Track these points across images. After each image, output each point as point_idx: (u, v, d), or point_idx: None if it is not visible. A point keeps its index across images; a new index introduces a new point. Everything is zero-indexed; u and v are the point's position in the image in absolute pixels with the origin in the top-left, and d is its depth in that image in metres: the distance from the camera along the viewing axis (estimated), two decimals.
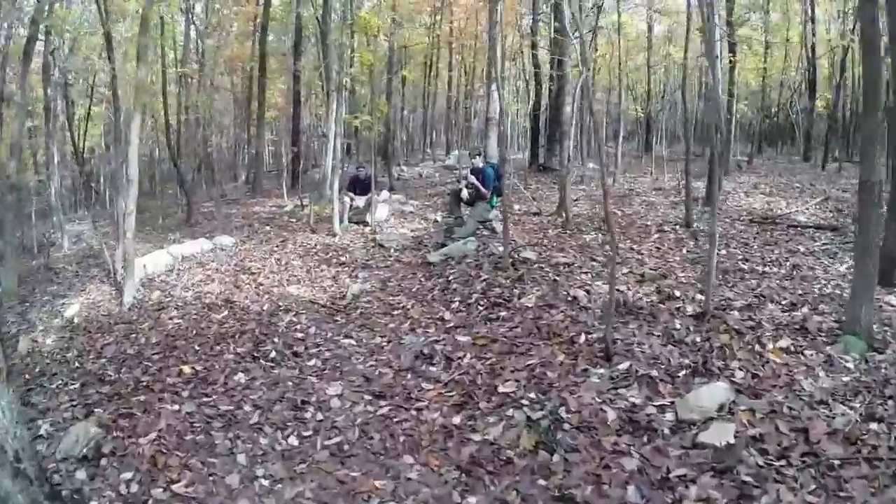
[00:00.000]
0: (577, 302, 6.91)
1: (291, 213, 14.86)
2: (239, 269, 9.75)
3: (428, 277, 8.91)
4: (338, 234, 11.55)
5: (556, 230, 10.70)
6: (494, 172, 10.53)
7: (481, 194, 10.27)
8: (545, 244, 9.55)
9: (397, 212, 13.98)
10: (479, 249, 9.38)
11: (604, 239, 9.62)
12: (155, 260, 10.25)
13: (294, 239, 11.65)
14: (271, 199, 18.31)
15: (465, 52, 30.26)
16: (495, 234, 10.17)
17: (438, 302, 7.80)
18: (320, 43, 16.20)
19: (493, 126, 12.41)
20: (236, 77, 27.62)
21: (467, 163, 17.81)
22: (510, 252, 8.45)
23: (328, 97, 14.69)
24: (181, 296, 8.90)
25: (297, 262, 10.03)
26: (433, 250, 10.11)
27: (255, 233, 12.83)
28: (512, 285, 7.59)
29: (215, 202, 16.80)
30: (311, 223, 12.60)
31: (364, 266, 9.83)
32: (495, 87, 12.37)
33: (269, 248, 11.01)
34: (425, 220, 13.12)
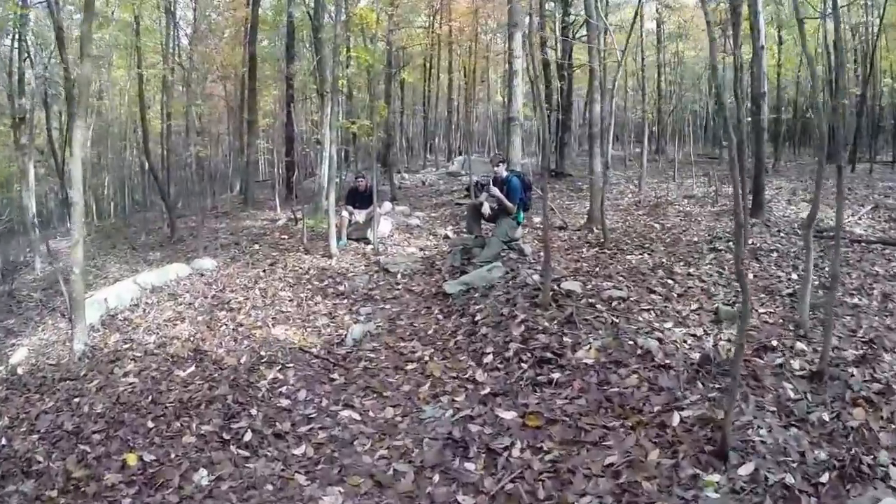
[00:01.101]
0: (651, 357, 5.08)
1: (284, 229, 13.01)
2: (216, 304, 7.86)
3: (447, 314, 7.07)
4: (335, 254, 9.70)
5: (592, 249, 9.01)
6: (521, 183, 8.67)
7: (506, 209, 8.40)
8: (585, 269, 7.71)
9: (401, 225, 12.13)
10: (508, 278, 7.55)
11: (655, 262, 7.87)
12: (119, 293, 8.39)
13: (285, 261, 9.79)
14: (264, 212, 16.50)
15: (465, 54, 28.56)
16: (524, 256, 8.34)
17: (465, 352, 5.95)
18: (313, 40, 14.33)
19: (516, 127, 10.55)
20: (230, 84, 25.97)
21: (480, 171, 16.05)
22: None
23: (322, 99, 12.91)
24: (143, 341, 7.02)
25: (287, 292, 8.16)
26: (449, 277, 8.27)
27: (242, 252, 10.98)
28: (560, 330, 5.73)
29: (201, 216, 14.92)
30: (304, 241, 10.74)
31: (366, 298, 7.97)
32: (517, 82, 10.52)
33: (254, 274, 9.14)
34: (434, 236, 11.28)
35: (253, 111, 18.36)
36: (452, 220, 12.68)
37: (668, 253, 8.45)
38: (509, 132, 10.65)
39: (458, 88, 28.74)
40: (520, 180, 8.67)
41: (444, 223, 12.54)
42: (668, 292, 6.57)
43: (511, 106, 10.58)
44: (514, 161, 10.13)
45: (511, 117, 10.57)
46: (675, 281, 6.96)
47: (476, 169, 22.69)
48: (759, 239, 8.89)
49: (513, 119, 10.55)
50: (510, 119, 10.60)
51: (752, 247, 8.43)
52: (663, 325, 5.65)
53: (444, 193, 17.04)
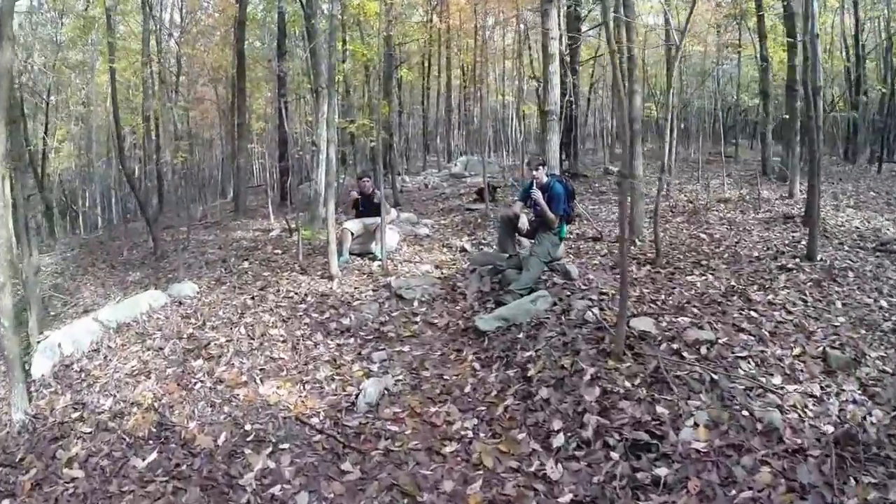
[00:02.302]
0: (777, 434, 3.64)
1: (277, 241, 11.27)
2: (192, 349, 6.10)
3: (485, 361, 5.37)
4: (336, 275, 7.96)
5: (643, 268, 7.46)
6: (565, 190, 6.94)
7: (547, 221, 6.68)
8: (648, 297, 6.09)
9: (409, 236, 10.42)
10: (558, 311, 5.87)
11: (724, 286, 6.37)
12: (76, 336, 6.65)
13: (277, 284, 8.05)
14: (256, 221, 14.75)
15: (463, 51, 26.83)
16: (571, 281, 6.63)
17: (522, 426, 4.26)
18: (305, 30, 12.59)
19: (553, 123, 8.73)
20: (221, 87, 24.23)
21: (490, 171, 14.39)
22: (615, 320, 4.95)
23: (317, 97, 11.18)
24: (97, 406, 5.28)
25: (279, 329, 6.41)
26: (478, 305, 6.62)
27: (229, 272, 9.23)
28: (648, 395, 4.12)
29: (187, 228, 13.18)
30: (300, 258, 9.01)
31: (378, 335, 6.24)
32: (553, 68, 8.76)
33: (241, 303, 7.39)
34: (449, 249, 9.57)
35: (242, 113, 16.57)
36: (466, 229, 10.97)
37: (733, 273, 7.00)
38: (545, 129, 8.86)
39: (457, 87, 27.03)
40: (564, 187, 6.95)
41: (458, 232, 10.83)
42: (758, 330, 5.04)
43: (547, 96, 8.79)
44: (552, 164, 8.40)
45: (547, 110, 8.78)
46: (758, 312, 5.45)
47: (479, 170, 21.07)
48: (825, 254, 7.44)
49: (549, 113, 8.77)
50: (546, 112, 8.80)
51: (822, 264, 7.04)
52: (770, 381, 4.23)
53: (451, 197, 15.31)
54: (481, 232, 10.55)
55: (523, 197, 7.01)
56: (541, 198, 6.65)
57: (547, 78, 8.72)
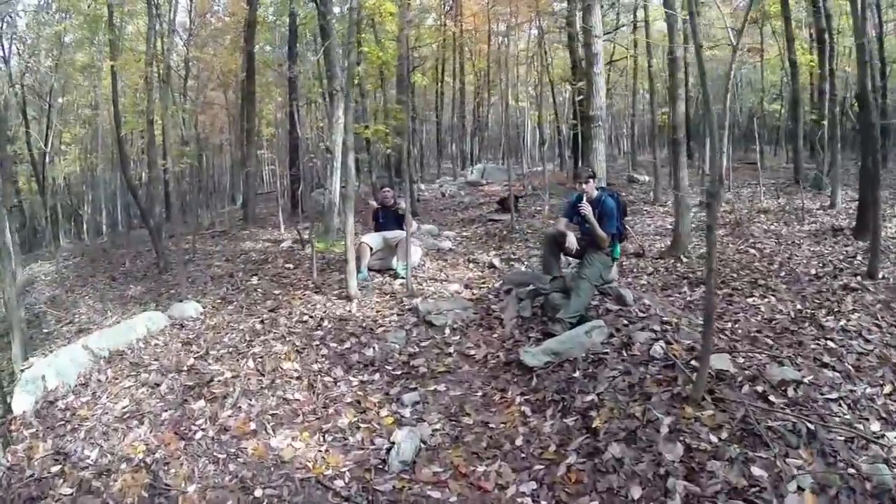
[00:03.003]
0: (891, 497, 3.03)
1: (289, 254, 10.40)
2: (192, 386, 5.22)
3: (536, 406, 4.51)
4: (355, 296, 7.09)
5: (697, 288, 6.88)
6: (618, 205, 6.04)
7: (597, 240, 5.79)
8: None
9: (432, 249, 9.56)
10: (617, 344, 4.99)
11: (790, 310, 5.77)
12: (62, 366, 5.77)
13: (290, 304, 7.17)
14: (266, 230, 13.91)
15: (476, 57, 25.99)
16: (626, 307, 5.73)
17: (592, 492, 3.44)
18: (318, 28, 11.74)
19: (599, 130, 7.77)
20: (231, 92, 23.44)
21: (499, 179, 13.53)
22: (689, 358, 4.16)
23: (331, 100, 10.35)
24: (81, 460, 4.41)
25: (294, 362, 5.52)
26: (519, 333, 5.73)
27: (237, 289, 8.37)
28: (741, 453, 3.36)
29: (192, 239, 12.36)
30: (314, 274, 8.12)
31: (407, 370, 5.36)
32: (598, 69, 7.84)
33: (249, 327, 6.51)
34: (476, 265, 8.70)
35: (252, 118, 15.76)
36: (492, 242, 10.11)
37: (796, 294, 6.39)
38: (589, 136, 7.92)
39: (470, 93, 26.18)
40: (616, 202, 6.06)
41: (482, 246, 9.96)
42: (841, 364, 4.38)
43: (591, 100, 7.85)
44: (598, 176, 7.49)
45: (592, 115, 7.84)
46: (835, 342, 4.81)
47: (495, 177, 20.23)
48: (885, 271, 6.74)
49: (594, 118, 7.83)
50: (590, 118, 7.86)
51: (885, 282, 6.40)
52: (869, 428, 3.57)
53: (471, 207, 14.44)
54: (509, 245, 9.68)
55: (569, 212, 6.13)
56: (591, 214, 5.76)
57: (591, 80, 7.80)
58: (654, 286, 7.29)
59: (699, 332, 5.24)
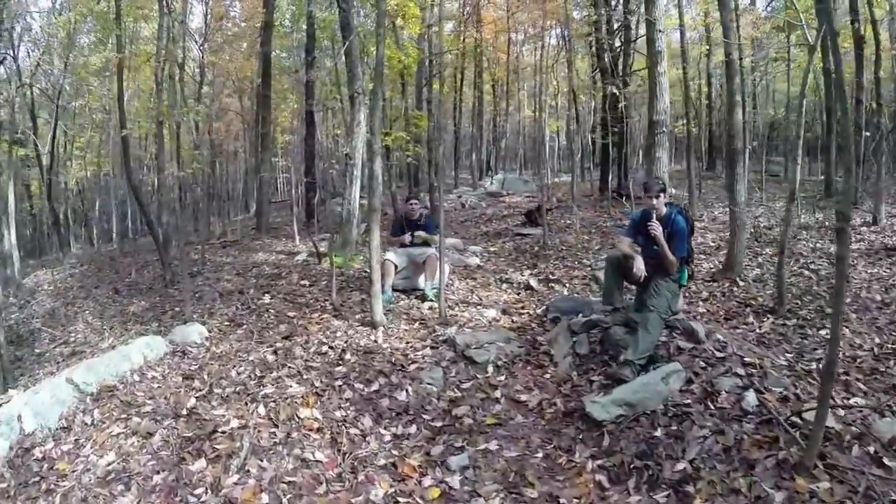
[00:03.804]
0: None
1: (304, 269, 9.45)
2: (191, 438, 4.24)
3: (614, 473, 3.59)
4: (380, 322, 6.11)
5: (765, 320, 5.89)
6: (688, 224, 5.04)
7: (665, 264, 4.80)
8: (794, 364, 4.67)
9: (458, 266, 8.62)
10: (699, 393, 4.10)
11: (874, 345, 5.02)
12: (43, 405, 4.79)
13: (307, 331, 6.21)
14: (280, 241, 12.98)
15: (493, 66, 25.11)
16: (698, 343, 4.76)
17: None
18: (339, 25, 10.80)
19: (663, 136, 6.77)
20: (246, 99, 22.61)
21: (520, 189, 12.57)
22: None
23: (352, 103, 9.42)
24: None
25: (313, 409, 4.53)
26: (575, 374, 4.75)
27: (248, 309, 7.44)
28: None
29: (202, 250, 11.47)
30: (333, 294, 7.14)
31: (451, 424, 4.35)
32: (662, 68, 6.83)
33: (260, 359, 5.56)
34: (509, 285, 7.75)
35: (267, 123, 14.86)
36: (523, 259, 9.16)
37: (869, 325, 5.68)
38: (652, 142, 6.92)
39: (489, 102, 25.29)
40: (686, 220, 5.07)
41: (513, 263, 9.01)
42: None
43: (655, 103, 6.85)
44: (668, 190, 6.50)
45: (656, 120, 6.83)
46: None
47: (516, 188, 19.28)
48: None
49: (658, 123, 6.84)
50: (654, 123, 6.86)
51: None
52: None
53: (494, 219, 13.47)
54: (544, 264, 8.71)
55: (633, 231, 5.16)
56: (661, 234, 4.78)
57: (654, 80, 6.81)
58: (716, 315, 6.31)
59: (786, 376, 4.34)
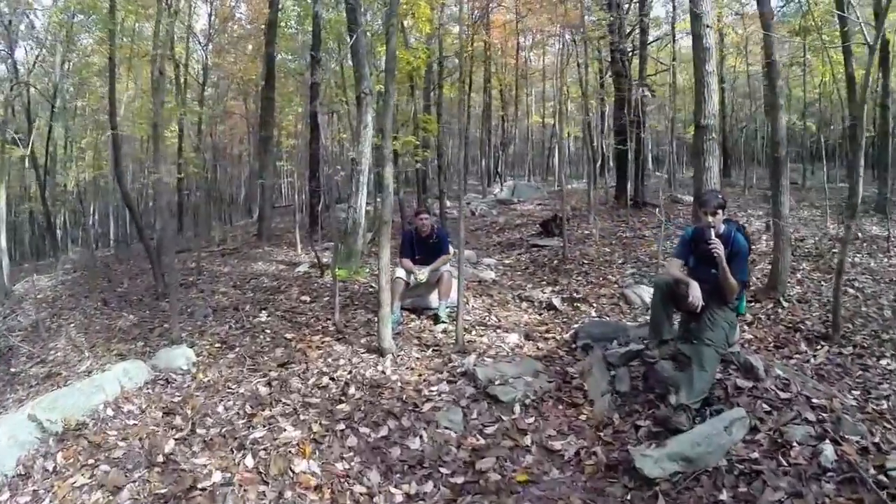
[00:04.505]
0: None
1: (305, 282, 8.72)
2: (167, 497, 3.50)
3: None
4: (389, 350, 5.36)
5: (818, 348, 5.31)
6: (748, 244, 4.29)
7: (723, 291, 4.05)
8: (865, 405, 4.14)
9: (471, 280, 7.89)
10: (764, 443, 3.48)
11: None
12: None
13: (305, 358, 5.46)
14: (281, 249, 12.27)
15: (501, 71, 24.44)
16: (758, 381, 4.04)
17: None
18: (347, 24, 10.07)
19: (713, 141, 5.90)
20: (251, 102, 21.98)
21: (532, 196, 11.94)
22: None
23: (359, 105, 8.72)
24: None
25: (311, 460, 3.77)
26: (617, 417, 4.03)
27: (241, 329, 6.70)
28: None
29: (197, 259, 10.79)
30: (336, 314, 6.38)
31: (473, 481, 3.59)
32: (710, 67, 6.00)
33: (251, 392, 4.81)
34: (530, 304, 7.04)
35: (270, 126, 14.15)
36: (541, 274, 8.43)
37: None
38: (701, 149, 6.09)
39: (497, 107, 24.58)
40: (745, 238, 4.33)
41: (531, 278, 8.28)
42: None
43: (703, 106, 5.99)
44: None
45: (705, 125, 6.01)
46: None
47: (527, 195, 18.55)
48: None
49: (707, 128, 6.02)
50: (702, 128, 6.04)
51: None
52: None
53: (507, 228, 12.72)
54: (565, 279, 7.97)
55: (685, 251, 4.41)
56: (723, 255, 4.04)
57: (701, 80, 6.00)
58: (764, 342, 5.59)
59: (860, 420, 3.65)
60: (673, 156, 19.47)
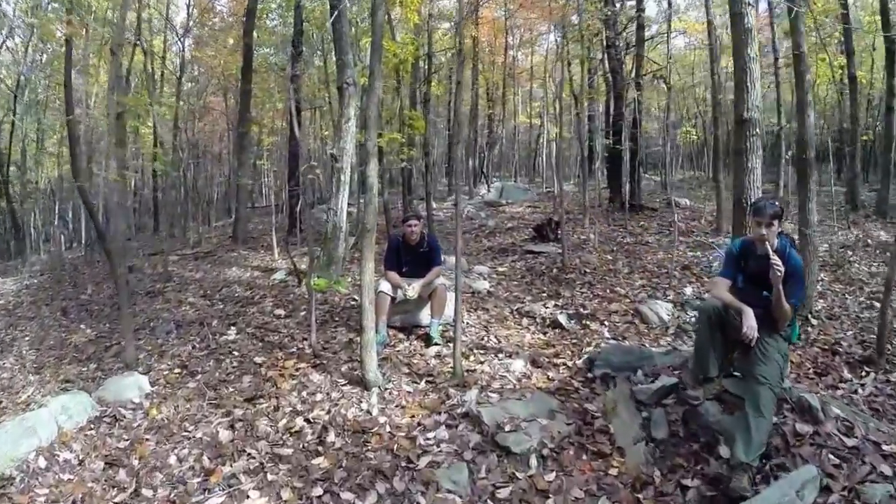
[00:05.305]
0: None
1: (281, 292, 7.86)
2: None
3: None
4: (374, 383, 4.50)
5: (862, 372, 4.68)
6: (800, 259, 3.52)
7: (777, 316, 3.29)
8: None
9: (464, 291, 7.03)
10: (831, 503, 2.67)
11: None
12: None
13: (277, 391, 4.58)
14: (258, 253, 11.40)
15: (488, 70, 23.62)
16: (817, 423, 3.30)
17: None
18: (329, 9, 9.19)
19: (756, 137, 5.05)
20: (231, 99, 20.96)
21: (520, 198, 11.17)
22: None
23: (341, 96, 7.90)
24: None
25: None
26: (658, 473, 3.24)
27: (206, 350, 5.82)
28: None
29: (163, 266, 9.91)
30: (312, 335, 5.47)
31: None
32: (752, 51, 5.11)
33: (211, 437, 3.96)
34: (532, 321, 6.23)
35: (246, 120, 13.21)
36: (540, 285, 7.62)
37: None
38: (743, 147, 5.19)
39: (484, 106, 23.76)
40: (797, 252, 3.56)
41: (530, 289, 7.47)
42: None
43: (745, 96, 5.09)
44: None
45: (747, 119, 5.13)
46: None
47: (515, 197, 17.69)
48: None
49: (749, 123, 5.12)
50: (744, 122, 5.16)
51: None
52: None
53: (498, 233, 11.89)
54: (567, 291, 7.16)
55: (732, 269, 3.63)
56: (780, 275, 3.26)
57: (743, 67, 5.14)
58: (803, 368, 4.82)
59: None
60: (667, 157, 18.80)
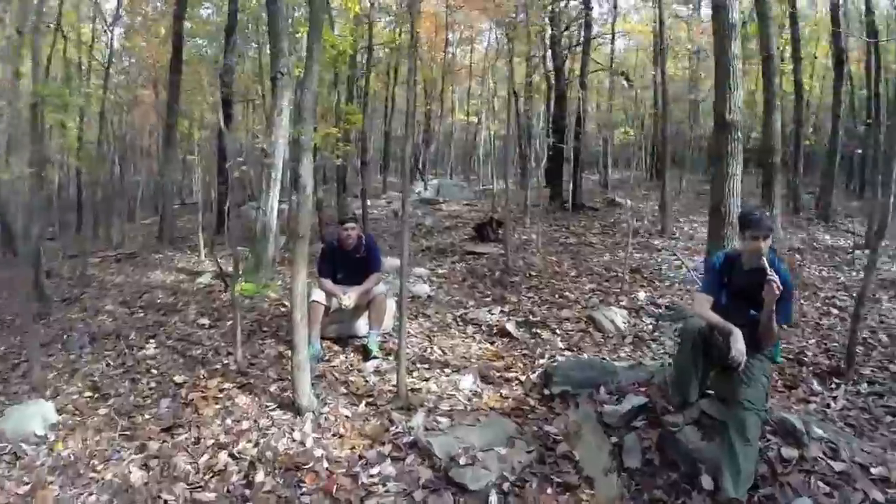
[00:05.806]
0: None
1: (206, 298, 7.20)
2: None
3: None
4: (308, 408, 3.95)
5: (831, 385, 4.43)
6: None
7: (763, 336, 2.96)
8: None
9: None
10: None
11: None
12: None
13: (198, 418, 3.97)
14: (184, 254, 10.67)
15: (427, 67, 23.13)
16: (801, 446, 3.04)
17: None
18: None
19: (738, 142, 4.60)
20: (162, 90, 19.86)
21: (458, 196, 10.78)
22: None
23: (274, 87, 7.32)
24: None
25: None
26: None
27: (121, 369, 5.11)
28: None
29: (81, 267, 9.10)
30: (238, 349, 4.85)
31: None
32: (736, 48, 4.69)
33: (122, 478, 3.36)
34: (475, 327, 5.81)
35: (174, 112, 12.41)
36: (484, 288, 7.21)
37: None
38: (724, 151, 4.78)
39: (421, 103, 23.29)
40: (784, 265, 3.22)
41: (473, 293, 7.04)
42: None
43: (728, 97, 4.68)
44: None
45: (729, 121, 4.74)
46: None
47: (452, 195, 17.30)
48: None
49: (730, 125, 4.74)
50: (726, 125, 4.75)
51: None
52: None
53: (436, 231, 11.44)
54: (513, 296, 6.76)
55: (716, 285, 3.27)
56: (778, 294, 2.90)
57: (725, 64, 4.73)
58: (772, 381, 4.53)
59: None
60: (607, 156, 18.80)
